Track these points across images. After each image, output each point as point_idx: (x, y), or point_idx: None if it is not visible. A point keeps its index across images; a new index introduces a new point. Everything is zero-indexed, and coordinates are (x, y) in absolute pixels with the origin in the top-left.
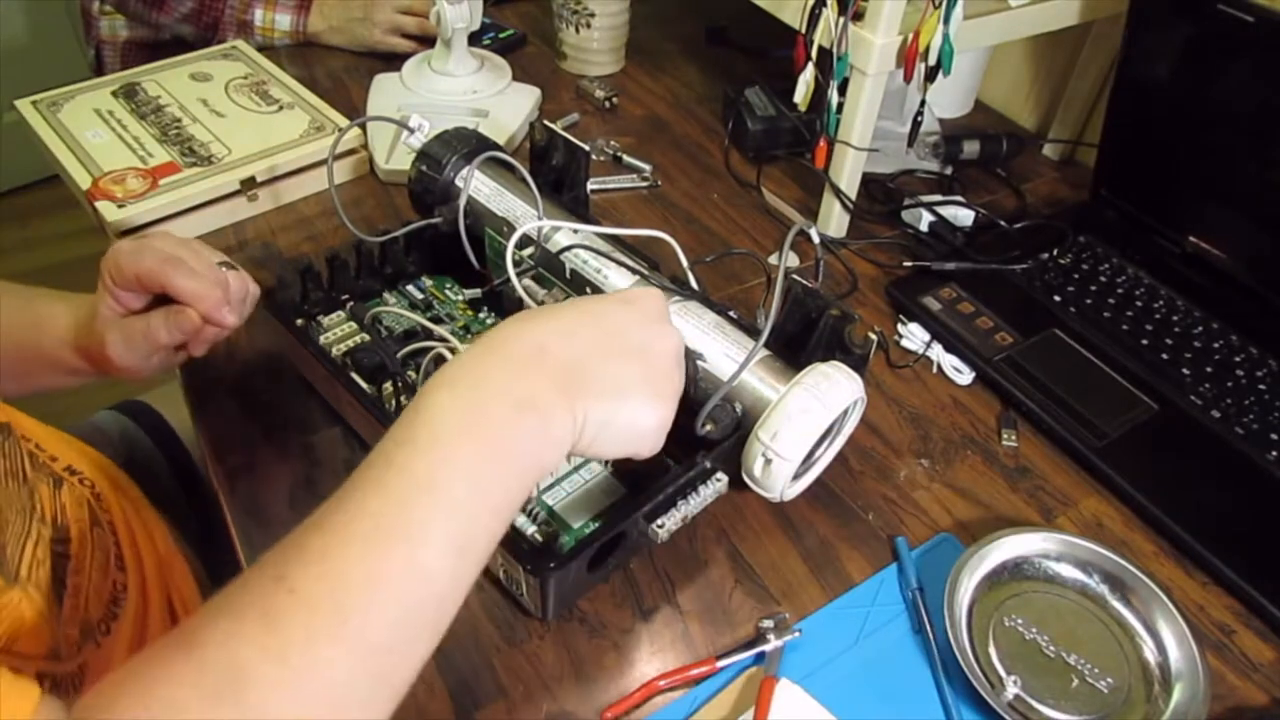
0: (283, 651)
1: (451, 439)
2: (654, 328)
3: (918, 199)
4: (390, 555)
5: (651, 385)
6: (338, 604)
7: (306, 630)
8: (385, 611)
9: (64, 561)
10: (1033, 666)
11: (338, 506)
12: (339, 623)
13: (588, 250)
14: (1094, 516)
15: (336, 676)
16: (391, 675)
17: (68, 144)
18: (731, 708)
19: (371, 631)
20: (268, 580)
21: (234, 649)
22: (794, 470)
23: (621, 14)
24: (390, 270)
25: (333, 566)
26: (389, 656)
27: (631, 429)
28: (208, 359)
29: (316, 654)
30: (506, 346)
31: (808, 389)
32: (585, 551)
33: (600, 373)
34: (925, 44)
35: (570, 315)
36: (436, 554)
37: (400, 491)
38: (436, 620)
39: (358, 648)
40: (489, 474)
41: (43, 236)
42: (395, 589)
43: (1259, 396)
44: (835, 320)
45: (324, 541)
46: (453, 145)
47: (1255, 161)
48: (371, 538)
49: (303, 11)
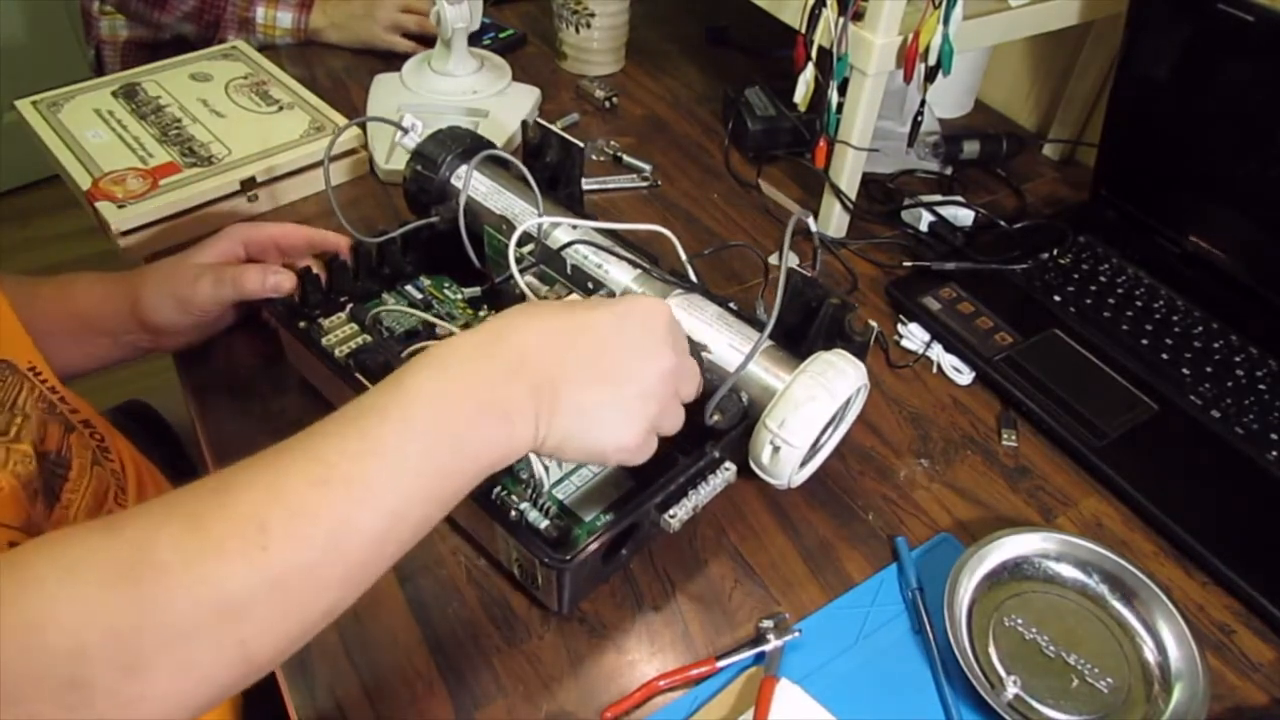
0: (195, 553)
1: (418, 420)
2: (646, 349)
3: (918, 199)
4: (327, 500)
5: (625, 409)
6: (261, 526)
7: (223, 541)
8: (303, 548)
9: (59, 481)
10: (1033, 666)
11: (294, 446)
12: (257, 545)
13: (588, 246)
14: (1094, 516)
15: (236, 593)
16: (289, 614)
17: (68, 144)
18: (731, 708)
19: (283, 562)
20: (207, 491)
21: (152, 537)
22: (802, 457)
23: (621, 14)
24: (388, 271)
25: (269, 495)
26: (293, 593)
27: (593, 447)
28: (208, 359)
29: (224, 566)
30: (491, 346)
31: (813, 376)
32: (600, 543)
33: (575, 394)
34: (925, 44)
35: (562, 325)
36: (370, 511)
37: (355, 449)
38: (351, 574)
39: (265, 573)
40: (442, 462)
41: (43, 236)
42: (321, 532)
43: (1259, 396)
44: (835, 309)
45: (270, 473)
46: (447, 145)
47: (1255, 161)
48: (315, 481)
49: (305, 10)
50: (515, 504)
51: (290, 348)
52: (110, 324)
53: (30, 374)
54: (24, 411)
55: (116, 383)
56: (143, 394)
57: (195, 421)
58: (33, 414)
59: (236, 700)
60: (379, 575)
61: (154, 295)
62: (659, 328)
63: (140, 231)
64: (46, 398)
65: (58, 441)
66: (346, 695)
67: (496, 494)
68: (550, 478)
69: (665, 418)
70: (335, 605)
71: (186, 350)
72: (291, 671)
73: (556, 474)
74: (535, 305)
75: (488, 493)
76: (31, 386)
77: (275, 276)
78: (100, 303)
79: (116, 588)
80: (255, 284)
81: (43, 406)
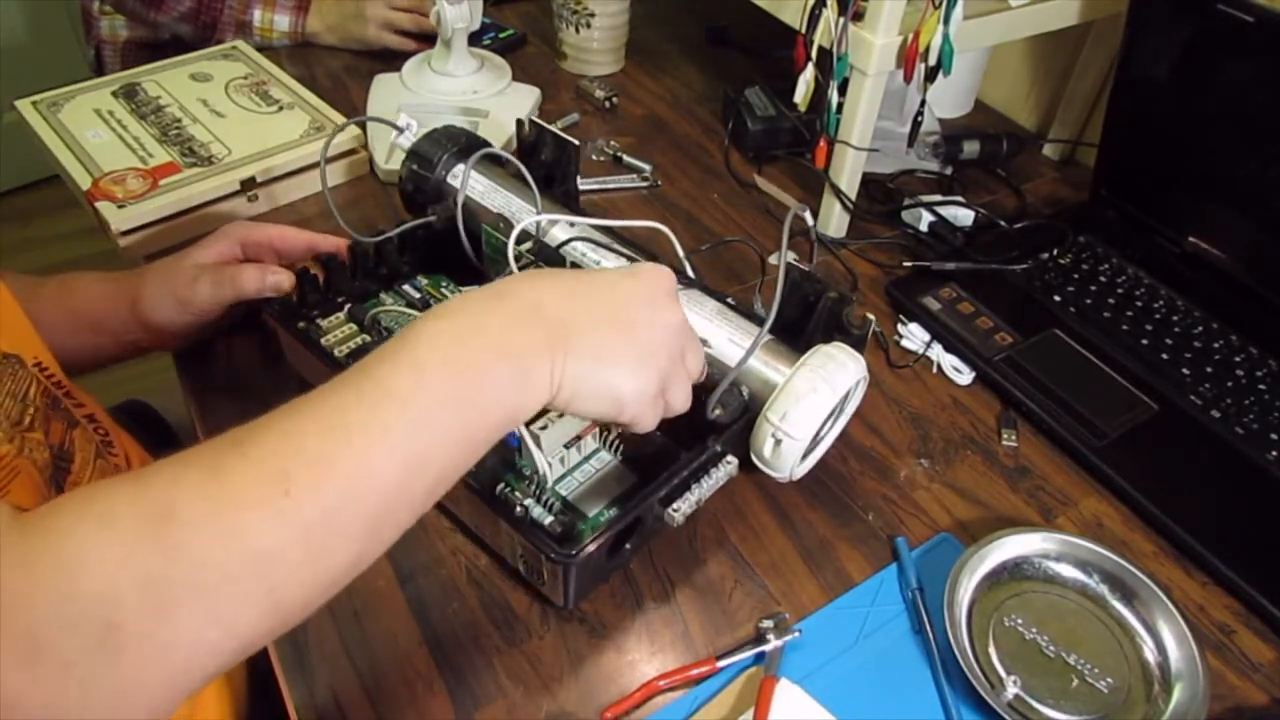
0: (219, 502)
1: (430, 366)
2: (655, 301)
3: (918, 199)
4: (347, 444)
5: (636, 354)
6: (284, 472)
7: (246, 490)
8: (326, 494)
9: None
10: (1033, 666)
11: (310, 399)
12: (279, 492)
13: (586, 243)
14: (1094, 516)
15: (262, 542)
16: (317, 560)
17: (68, 144)
18: (731, 708)
19: (308, 509)
20: (226, 444)
21: (176, 488)
22: (803, 449)
23: (621, 14)
24: (385, 271)
25: (289, 443)
26: (320, 538)
27: (608, 392)
28: (208, 359)
29: (249, 515)
30: (505, 297)
31: (813, 369)
32: (605, 538)
33: (589, 335)
34: (925, 44)
35: (573, 280)
36: (387, 456)
37: (371, 396)
38: (373, 523)
39: (291, 520)
40: (457, 408)
41: (43, 236)
42: (342, 475)
43: (1259, 396)
44: (833, 303)
45: (286, 423)
46: (442, 144)
47: (1255, 161)
48: (333, 427)
49: (301, 12)
50: (519, 500)
51: (289, 348)
52: (111, 324)
53: (35, 369)
54: (34, 403)
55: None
56: (143, 394)
57: (195, 421)
58: (40, 407)
59: (236, 700)
60: (402, 528)
61: (154, 295)
62: (667, 285)
63: (140, 231)
64: (51, 393)
65: (60, 436)
66: (346, 695)
67: (501, 490)
68: (554, 474)
69: (675, 385)
70: (360, 556)
71: (186, 350)
72: (292, 670)
73: (560, 470)
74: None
75: (492, 489)
76: (37, 381)
77: (274, 276)
78: (101, 303)
79: (146, 536)
80: (254, 284)
81: (46, 401)
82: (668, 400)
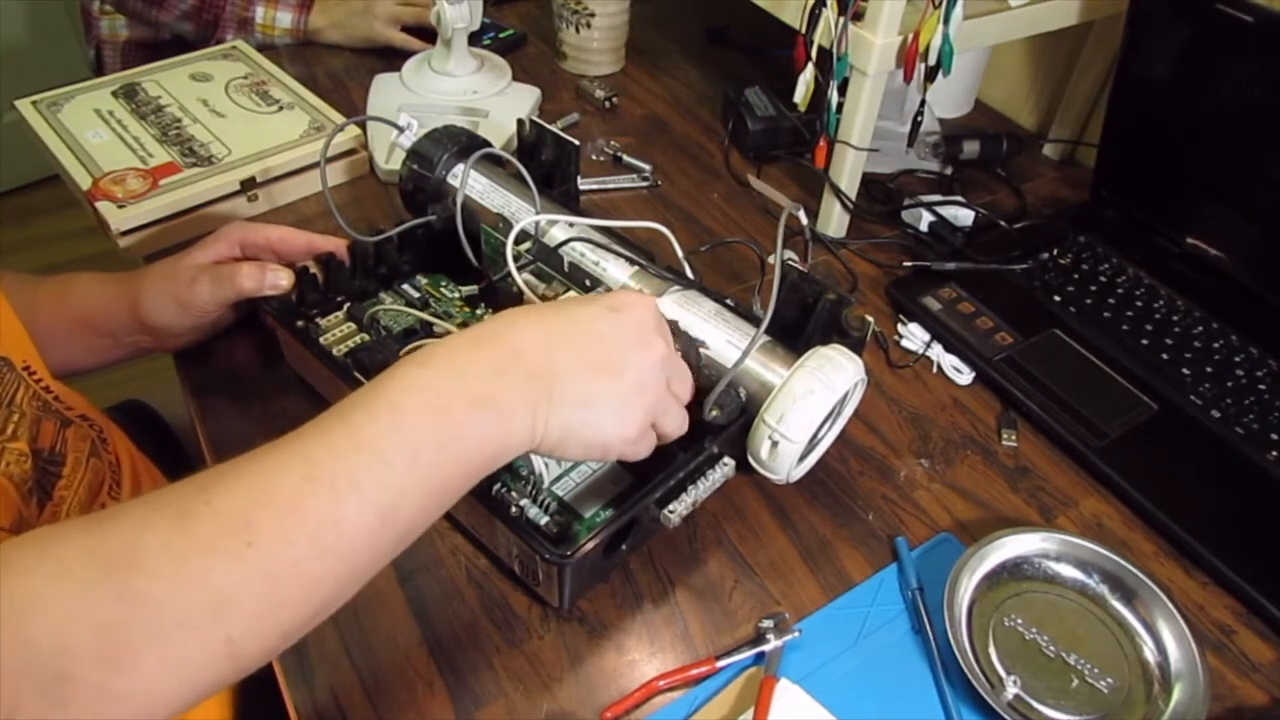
0: (182, 550)
1: (406, 413)
2: (636, 338)
3: (918, 199)
4: (313, 496)
5: (621, 397)
6: (248, 523)
7: (211, 539)
8: (291, 545)
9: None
10: (1033, 666)
11: (281, 446)
12: (243, 542)
13: (585, 243)
14: (1094, 516)
15: (223, 590)
16: (277, 611)
17: (68, 144)
18: (731, 708)
19: (273, 559)
20: (192, 490)
21: (139, 535)
22: (800, 451)
23: (621, 14)
24: (385, 270)
25: (256, 492)
26: (280, 590)
27: (594, 439)
28: (208, 359)
29: (213, 563)
30: (483, 343)
31: (811, 371)
32: (600, 538)
33: (570, 380)
34: (925, 44)
35: (553, 319)
36: (357, 510)
37: (342, 445)
38: (338, 576)
39: (254, 570)
40: (432, 456)
41: (43, 236)
42: (308, 528)
43: (1259, 396)
44: (832, 304)
45: (255, 470)
46: (443, 143)
47: (1255, 161)
48: (301, 478)
49: (304, 9)
50: (515, 500)
51: (288, 347)
52: (111, 325)
53: (24, 372)
54: (20, 409)
55: (116, 382)
56: (142, 394)
57: (195, 421)
58: (28, 411)
59: (235, 700)
60: (373, 573)
61: (153, 297)
62: (649, 320)
63: (140, 231)
64: (40, 396)
65: (52, 437)
66: (346, 695)
67: (497, 490)
68: (550, 474)
69: (664, 415)
70: (327, 602)
71: (186, 350)
72: (291, 671)
73: (556, 470)
74: (526, 307)
75: (488, 489)
76: (26, 385)
77: (274, 274)
78: (101, 304)
79: (102, 584)
80: (253, 283)
81: (37, 405)
82: (660, 430)
